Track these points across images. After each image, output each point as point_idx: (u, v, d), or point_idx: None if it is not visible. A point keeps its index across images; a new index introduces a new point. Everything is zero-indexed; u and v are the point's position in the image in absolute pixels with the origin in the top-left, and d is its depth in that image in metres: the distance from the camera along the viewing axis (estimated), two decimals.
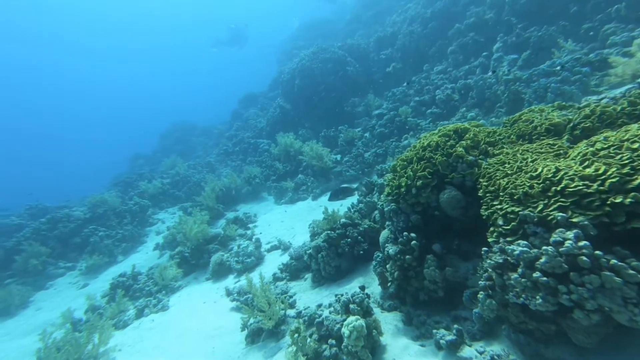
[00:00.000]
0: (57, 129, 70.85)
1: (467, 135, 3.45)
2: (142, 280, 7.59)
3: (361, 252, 5.16)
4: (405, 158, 3.98)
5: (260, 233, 8.47)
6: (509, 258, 2.48)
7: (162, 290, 7.00)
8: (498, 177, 2.83)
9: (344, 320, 3.52)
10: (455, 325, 3.00)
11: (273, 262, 6.92)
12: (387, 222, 4.25)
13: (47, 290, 9.79)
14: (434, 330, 3.10)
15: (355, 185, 5.85)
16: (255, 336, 4.60)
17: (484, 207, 2.94)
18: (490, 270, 2.61)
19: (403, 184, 3.77)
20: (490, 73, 7.91)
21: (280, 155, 11.97)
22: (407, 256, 3.60)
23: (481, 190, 3.03)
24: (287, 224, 8.83)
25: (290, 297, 5.19)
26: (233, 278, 6.95)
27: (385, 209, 4.14)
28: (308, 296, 5.20)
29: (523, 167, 2.69)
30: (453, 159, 3.35)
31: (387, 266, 3.97)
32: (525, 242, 2.41)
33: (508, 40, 8.93)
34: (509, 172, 2.78)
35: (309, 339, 3.61)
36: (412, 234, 3.62)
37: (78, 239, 11.18)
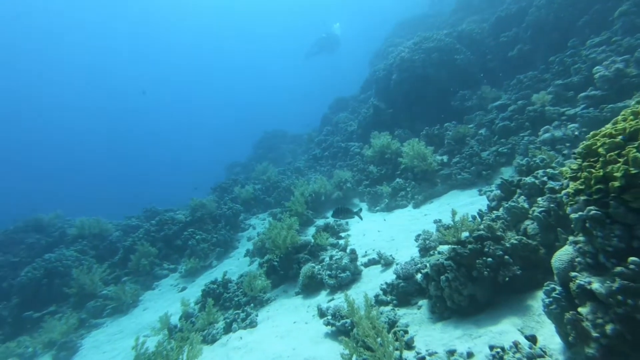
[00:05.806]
0: (177, 141, 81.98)
1: None
2: (232, 289, 7.15)
3: (507, 278, 3.61)
4: (615, 132, 2.41)
5: (354, 244, 7.36)
6: None
7: (251, 303, 6.39)
8: None
9: None
10: None
11: (373, 280, 5.73)
12: (573, 237, 2.69)
13: (153, 291, 10.25)
14: None
15: (355, 210, 5.94)
16: None
17: None
18: None
19: (619, 174, 2.22)
20: None
21: (375, 157, 10.76)
22: None
23: None
24: (386, 234, 7.58)
25: (405, 331, 3.89)
26: (326, 295, 5.95)
27: (573, 217, 2.59)
28: (428, 333, 3.84)
29: None
30: None
31: (583, 311, 2.42)
32: None
33: None
34: None
35: None
36: None
37: (179, 241, 11.63)
